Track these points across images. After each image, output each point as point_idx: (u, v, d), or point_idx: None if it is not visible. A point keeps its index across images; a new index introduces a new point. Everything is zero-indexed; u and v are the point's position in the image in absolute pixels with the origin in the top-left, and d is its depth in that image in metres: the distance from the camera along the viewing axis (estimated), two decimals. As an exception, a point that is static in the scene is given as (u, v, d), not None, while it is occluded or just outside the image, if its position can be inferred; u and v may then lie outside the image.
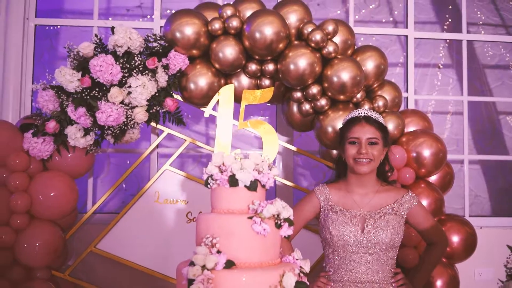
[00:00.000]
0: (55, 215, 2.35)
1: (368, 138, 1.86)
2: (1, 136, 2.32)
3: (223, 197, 1.41)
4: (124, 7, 4.25)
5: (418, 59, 4.20)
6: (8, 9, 2.91)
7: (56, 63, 3.97)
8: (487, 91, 3.93)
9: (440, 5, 4.38)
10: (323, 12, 4.39)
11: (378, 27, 4.34)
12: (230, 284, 1.28)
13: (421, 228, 1.94)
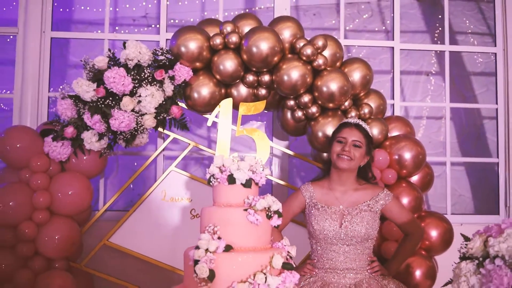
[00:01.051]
0: (72, 211, 2.66)
1: (353, 140, 2.17)
2: (24, 141, 2.64)
3: (223, 193, 1.72)
4: (130, 17, 4.57)
5: (408, 67, 4.51)
6: (27, 23, 3.23)
7: (66, 71, 4.29)
8: (472, 97, 4.23)
9: (430, 15, 4.68)
10: (319, 21, 4.71)
11: (371, 36, 4.66)
12: (228, 264, 1.58)
13: (398, 222, 2.25)
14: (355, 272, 2.14)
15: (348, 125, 2.21)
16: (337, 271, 2.13)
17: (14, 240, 2.55)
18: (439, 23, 4.68)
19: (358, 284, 2.11)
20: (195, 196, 2.84)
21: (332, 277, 2.12)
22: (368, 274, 2.16)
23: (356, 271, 2.14)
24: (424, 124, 4.52)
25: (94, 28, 4.51)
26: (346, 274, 2.13)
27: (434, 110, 4.19)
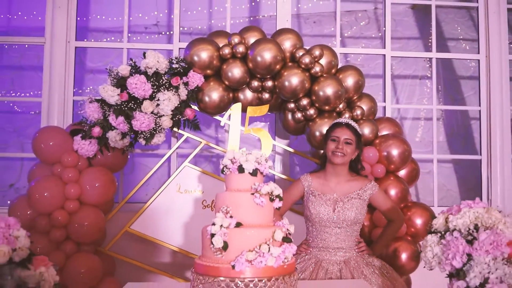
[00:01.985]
0: (99, 201, 3.08)
1: (345, 138, 2.59)
2: (56, 139, 3.06)
3: (234, 180, 2.13)
4: (143, 25, 4.99)
5: (402, 71, 4.92)
6: (53, 33, 3.66)
7: (84, 76, 4.72)
8: (461, 99, 4.64)
9: (423, 23, 5.08)
10: (319, 28, 5.13)
11: (368, 42, 5.07)
12: (238, 237, 1.99)
13: (382, 209, 2.67)
14: (345, 251, 2.55)
15: (340, 125, 2.63)
16: (329, 249, 2.55)
17: (49, 226, 2.97)
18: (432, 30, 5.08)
19: (347, 261, 2.53)
20: (206, 188, 3.25)
21: (325, 255, 2.54)
22: (356, 253, 2.58)
23: (346, 250, 2.56)
24: (422, 125, 4.93)
25: (109, 35, 4.94)
26: (337, 253, 2.54)
27: (429, 112, 4.59)
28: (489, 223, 1.90)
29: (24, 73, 4.59)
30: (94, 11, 4.84)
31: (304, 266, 2.53)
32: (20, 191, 4.02)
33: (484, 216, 1.91)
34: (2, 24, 4.78)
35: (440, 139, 4.46)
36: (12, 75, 4.55)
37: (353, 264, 2.52)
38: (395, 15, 5.17)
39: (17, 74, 4.59)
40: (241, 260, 1.94)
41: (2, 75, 4.52)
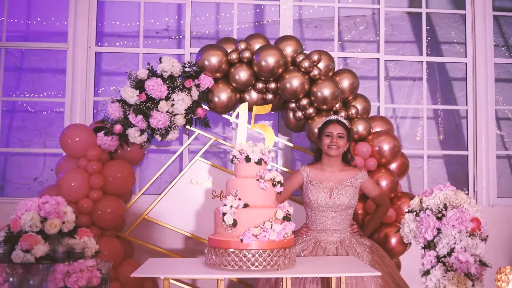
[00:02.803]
0: (120, 191, 3.51)
1: (338, 133, 3.01)
2: (81, 135, 3.49)
3: (241, 168, 2.56)
4: (154, 30, 5.43)
5: (397, 73, 5.34)
6: (75, 39, 4.10)
7: (100, 77, 5.15)
8: (453, 99, 5.05)
9: (419, 27, 5.48)
10: (319, 33, 5.55)
11: (366, 45, 5.49)
12: (246, 216, 2.41)
13: (371, 195, 3.09)
14: (340, 232, 2.97)
15: (332, 122, 3.05)
16: (326, 231, 2.97)
17: (76, 213, 3.37)
18: (428, 34, 5.50)
19: (342, 240, 2.95)
20: (215, 180, 3.68)
21: (323, 236, 2.96)
22: (349, 234, 3.00)
23: (341, 231, 2.98)
24: (421, 125, 5.33)
25: (122, 39, 5.38)
26: (333, 234, 2.97)
27: (428, 112, 5.02)
28: (456, 203, 2.32)
29: (44, 75, 5.03)
30: (108, 17, 5.27)
31: (305, 246, 2.95)
32: (44, 184, 4.46)
33: (452, 197, 2.33)
34: (21, 29, 5.21)
35: (440, 137, 4.88)
36: (33, 77, 4.99)
37: (348, 244, 2.94)
38: (392, 20, 5.60)
39: (37, 76, 5.03)
40: (248, 235, 2.37)
41: (24, 77, 4.96)
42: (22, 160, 4.53)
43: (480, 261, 2.23)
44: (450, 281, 2.19)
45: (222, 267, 2.39)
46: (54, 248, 2.05)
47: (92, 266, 2.05)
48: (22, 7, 5.21)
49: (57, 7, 5.01)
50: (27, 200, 2.12)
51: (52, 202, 2.13)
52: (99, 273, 2.08)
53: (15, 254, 1.99)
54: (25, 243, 1.98)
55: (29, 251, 1.98)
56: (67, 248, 2.08)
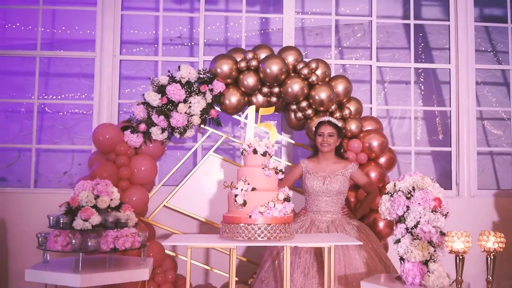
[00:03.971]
0: (144, 181, 4.20)
1: (328, 132, 3.69)
2: (111, 133, 4.17)
3: (250, 159, 3.23)
4: (168, 38, 6.12)
5: (392, 77, 6.01)
6: (102, 48, 4.79)
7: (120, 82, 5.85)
8: (442, 101, 5.71)
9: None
10: (320, 39, 6.22)
11: (363, 51, 6.15)
12: (253, 197, 3.09)
13: (361, 183, 3.76)
14: (332, 214, 3.65)
15: (323, 123, 3.73)
16: (320, 212, 3.65)
17: (107, 200, 4.09)
18: (421, 40, 6.18)
19: (333, 220, 3.63)
20: (226, 172, 4.36)
21: (317, 216, 3.64)
22: (340, 215, 3.67)
23: (333, 213, 3.66)
24: (420, 125, 6.00)
25: (139, 46, 6.08)
26: (326, 215, 3.64)
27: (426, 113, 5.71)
28: (422, 186, 2.99)
29: (69, 80, 5.73)
30: (126, 26, 5.96)
31: (302, 224, 3.64)
32: (73, 177, 5.17)
33: (419, 181, 3.00)
34: (47, 37, 5.91)
35: (440, 136, 5.56)
36: (59, 81, 5.70)
37: (338, 223, 3.62)
38: (388, 27, 6.26)
39: (63, 80, 5.74)
40: (255, 212, 3.05)
41: (52, 81, 5.66)
42: (53, 156, 5.24)
43: (440, 232, 2.90)
44: (416, 247, 2.86)
45: (234, 238, 3.07)
46: (105, 218, 2.74)
47: (134, 233, 2.74)
48: (47, 17, 5.89)
49: (80, 17, 5.71)
50: (83, 182, 2.82)
51: (103, 184, 2.82)
52: (139, 239, 2.77)
53: (76, 223, 2.68)
54: (83, 214, 2.68)
55: (87, 220, 2.67)
56: (115, 219, 2.77)
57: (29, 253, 4.29)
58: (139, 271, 2.78)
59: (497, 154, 5.59)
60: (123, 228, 2.71)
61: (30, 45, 5.58)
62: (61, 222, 2.68)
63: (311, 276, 3.42)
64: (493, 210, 4.78)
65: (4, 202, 4.47)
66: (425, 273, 2.84)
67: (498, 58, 6.16)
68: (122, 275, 2.75)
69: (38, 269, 2.74)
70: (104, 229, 2.69)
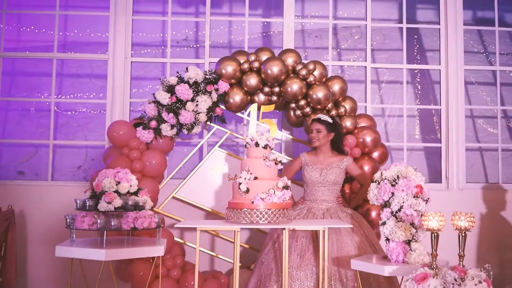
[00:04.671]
0: (155, 174, 4.65)
1: (316, 129, 4.15)
2: (124, 129, 4.62)
3: (252, 151, 3.69)
4: (175, 40, 6.58)
5: (388, 77, 6.46)
6: (115, 51, 5.26)
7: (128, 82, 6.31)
8: (434, 100, 6.15)
9: (408, 36, 6.60)
10: (320, 42, 6.67)
11: (360, 53, 6.60)
12: (255, 185, 3.53)
13: (354, 175, 4.21)
14: (327, 202, 4.10)
15: (313, 120, 4.19)
16: (317, 201, 4.10)
17: (121, 191, 4.54)
18: (416, 42, 6.63)
19: (328, 208, 4.08)
20: (230, 166, 4.81)
21: (314, 205, 4.10)
22: (335, 204, 4.13)
23: (328, 202, 4.11)
24: (418, 123, 6.45)
25: (146, 48, 6.54)
26: (322, 203, 4.10)
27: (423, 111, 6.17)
28: (406, 175, 3.43)
29: (81, 80, 6.20)
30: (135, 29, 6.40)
31: (300, 212, 4.09)
32: (86, 171, 5.63)
33: (403, 171, 3.45)
34: (59, 39, 6.38)
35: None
36: (72, 82, 6.17)
37: (333, 211, 4.07)
38: (384, 30, 6.70)
39: (75, 81, 6.20)
40: (257, 198, 3.50)
41: (65, 82, 6.13)
42: (67, 152, 5.71)
43: (421, 215, 3.34)
44: (399, 228, 3.31)
45: (238, 222, 3.52)
46: (125, 202, 3.19)
47: (151, 215, 3.20)
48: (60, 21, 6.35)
49: (91, 21, 6.17)
50: (105, 170, 3.28)
51: (123, 172, 3.28)
52: (155, 220, 3.22)
53: (100, 205, 3.14)
54: (107, 198, 3.13)
55: (110, 203, 3.13)
56: (134, 202, 3.23)
57: (47, 240, 4.76)
58: (156, 248, 3.25)
59: (486, 150, 6.04)
60: (141, 211, 3.16)
61: (43, 47, 6.07)
62: (87, 205, 3.14)
63: (306, 258, 3.88)
64: (481, 202, 5.22)
65: (23, 194, 4.93)
66: (408, 251, 3.29)
67: (490, 59, 6.61)
68: (141, 251, 3.22)
69: (67, 246, 3.19)
70: (124, 211, 3.15)
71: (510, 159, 5.95)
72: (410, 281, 2.84)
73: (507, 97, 6.38)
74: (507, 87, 6.38)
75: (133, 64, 6.21)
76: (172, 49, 6.56)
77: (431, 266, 2.87)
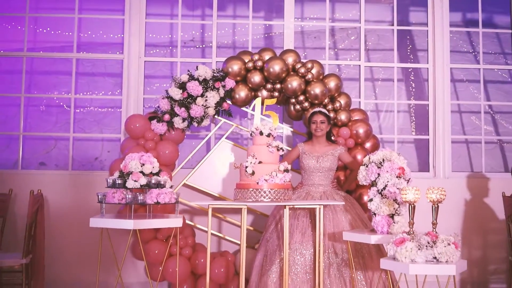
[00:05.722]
0: (168, 163, 5.31)
1: (320, 120, 4.81)
2: (140, 123, 5.28)
3: (257, 139, 4.36)
4: (182, 41, 7.25)
5: (383, 76, 7.14)
6: (130, 51, 5.93)
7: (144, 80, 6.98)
8: (425, 97, 6.83)
9: (400, 37, 7.28)
10: (318, 42, 7.35)
11: (357, 53, 7.27)
12: (260, 168, 4.19)
13: (346, 162, 4.89)
14: (323, 186, 4.77)
15: (316, 113, 4.85)
16: (314, 185, 4.77)
17: (137, 177, 5.22)
18: (409, 42, 7.32)
19: (324, 191, 4.74)
20: (236, 155, 5.47)
21: (312, 188, 4.76)
22: (330, 188, 4.80)
23: (324, 186, 4.78)
24: (414, 120, 7.13)
25: (156, 48, 7.22)
26: (319, 187, 4.76)
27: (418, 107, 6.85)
28: (390, 158, 4.11)
29: (96, 79, 6.87)
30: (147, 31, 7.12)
31: (299, 195, 4.75)
32: (103, 162, 6.31)
33: (388, 155, 4.12)
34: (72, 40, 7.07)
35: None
36: (87, 80, 6.84)
37: (328, 193, 4.74)
38: (378, 31, 7.39)
39: (90, 79, 6.88)
40: (261, 179, 4.17)
41: (81, 80, 6.79)
42: (85, 145, 6.39)
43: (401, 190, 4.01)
44: (384, 204, 3.98)
45: (245, 200, 4.20)
46: (149, 180, 3.87)
47: (171, 192, 3.87)
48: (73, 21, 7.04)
49: (104, 23, 6.85)
50: (131, 154, 3.95)
51: (146, 155, 3.96)
52: (174, 196, 3.90)
53: (128, 183, 3.81)
54: (134, 177, 3.81)
55: (136, 181, 3.80)
56: (156, 181, 3.90)
57: (68, 224, 5.45)
58: (175, 219, 3.92)
59: (471, 142, 6.72)
60: (163, 188, 3.83)
61: (58, 48, 6.74)
62: (117, 183, 3.81)
63: (307, 235, 4.54)
64: (465, 189, 5.89)
65: (47, 182, 5.58)
66: (391, 224, 3.96)
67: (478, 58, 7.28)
68: (163, 222, 3.90)
69: (99, 218, 3.87)
70: (148, 188, 3.82)
71: (494, 150, 6.63)
72: (391, 245, 3.50)
73: (494, 93, 7.06)
74: (494, 84, 7.07)
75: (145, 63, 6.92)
76: (180, 49, 7.25)
77: (408, 233, 3.54)
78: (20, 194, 5.40)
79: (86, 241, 5.37)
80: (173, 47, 7.17)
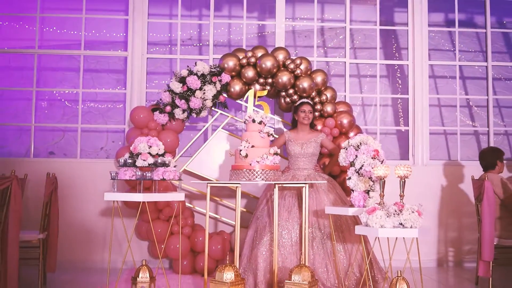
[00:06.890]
0: (170, 150, 6.03)
1: (308, 110, 5.56)
2: (144, 114, 6.01)
3: (250, 126, 5.10)
4: (181, 39, 8.00)
5: (367, 72, 7.92)
6: (133, 49, 6.67)
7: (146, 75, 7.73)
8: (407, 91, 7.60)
9: (385, 36, 8.05)
10: (309, 41, 8.11)
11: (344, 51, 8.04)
12: (253, 152, 4.91)
13: (328, 148, 5.64)
14: (307, 170, 5.51)
15: (305, 103, 5.59)
16: (299, 169, 5.50)
17: (142, 163, 5.96)
18: (394, 41, 8.09)
19: (309, 175, 5.47)
20: (231, 144, 6.21)
21: (297, 172, 5.49)
22: (314, 171, 5.55)
23: (308, 169, 5.52)
24: (402, 115, 7.90)
25: (156, 46, 7.96)
26: (303, 171, 5.50)
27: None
28: (366, 142, 4.86)
29: (100, 74, 7.61)
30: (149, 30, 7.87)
31: (286, 178, 5.48)
32: (108, 152, 7.05)
33: (364, 139, 4.87)
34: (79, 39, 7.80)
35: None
36: (91, 76, 7.57)
37: (312, 176, 5.48)
38: (365, 31, 8.15)
39: (94, 75, 7.61)
40: (254, 161, 4.92)
41: (85, 76, 7.52)
42: (91, 135, 7.13)
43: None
44: (360, 181, 4.73)
45: (239, 179, 4.95)
46: (155, 160, 4.62)
47: (174, 170, 4.61)
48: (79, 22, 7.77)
49: (107, 22, 7.58)
50: (140, 137, 4.68)
51: (153, 139, 4.69)
52: (178, 174, 4.64)
53: (138, 162, 4.54)
54: (143, 157, 4.54)
55: (145, 161, 4.54)
56: (162, 161, 4.64)
57: (78, 207, 6.18)
58: (178, 194, 4.67)
59: (449, 134, 7.50)
60: (167, 167, 4.58)
61: (64, 46, 7.46)
62: (128, 162, 4.55)
63: (293, 212, 5.28)
64: (442, 176, 6.66)
65: (58, 169, 6.30)
66: (367, 198, 4.71)
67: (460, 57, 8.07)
68: (167, 196, 4.67)
69: (112, 192, 4.61)
70: (155, 167, 4.56)
71: (470, 141, 7.41)
72: (364, 213, 4.25)
73: (472, 88, 7.84)
74: (472, 80, 7.85)
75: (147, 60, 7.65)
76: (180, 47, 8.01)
77: (379, 203, 4.30)
78: (32, 179, 6.11)
79: (93, 224, 6.13)
80: (172, 45, 7.90)
